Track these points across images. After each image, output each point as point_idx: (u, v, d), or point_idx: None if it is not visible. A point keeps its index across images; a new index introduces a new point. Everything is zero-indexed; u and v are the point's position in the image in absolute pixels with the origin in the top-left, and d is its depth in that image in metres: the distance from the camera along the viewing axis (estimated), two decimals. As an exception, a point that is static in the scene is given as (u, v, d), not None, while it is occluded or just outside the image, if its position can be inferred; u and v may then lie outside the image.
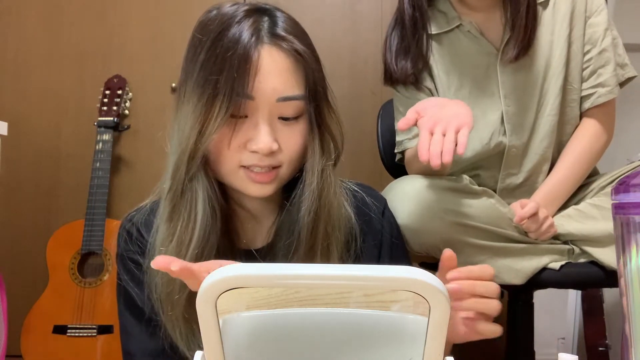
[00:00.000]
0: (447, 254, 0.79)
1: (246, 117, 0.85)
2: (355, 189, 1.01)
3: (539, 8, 1.36)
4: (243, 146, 0.86)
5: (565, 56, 1.36)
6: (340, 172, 0.95)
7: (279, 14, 0.90)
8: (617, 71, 1.39)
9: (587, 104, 1.39)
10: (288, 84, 0.85)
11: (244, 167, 0.87)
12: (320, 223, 0.90)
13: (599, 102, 1.37)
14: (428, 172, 1.27)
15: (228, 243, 0.92)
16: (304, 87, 0.87)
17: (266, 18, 0.88)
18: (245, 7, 0.89)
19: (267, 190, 0.88)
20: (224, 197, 0.92)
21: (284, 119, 0.87)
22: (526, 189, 1.40)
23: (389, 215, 1.04)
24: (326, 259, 0.91)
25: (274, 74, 0.84)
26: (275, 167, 0.88)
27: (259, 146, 0.84)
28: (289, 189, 0.93)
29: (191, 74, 0.87)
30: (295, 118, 0.88)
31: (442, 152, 1.01)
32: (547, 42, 1.36)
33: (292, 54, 0.86)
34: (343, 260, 0.94)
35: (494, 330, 0.80)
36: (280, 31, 0.87)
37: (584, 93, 1.39)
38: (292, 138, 0.88)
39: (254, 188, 0.88)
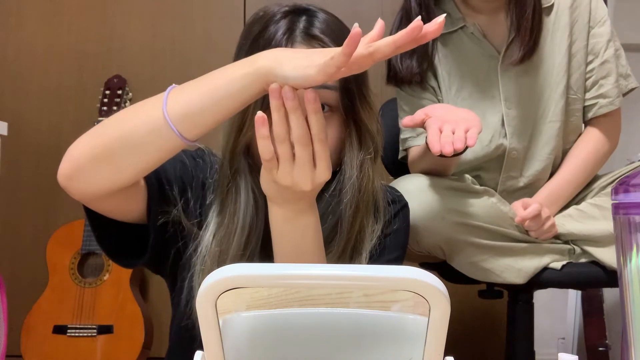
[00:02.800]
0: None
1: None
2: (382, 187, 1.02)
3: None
4: None
5: (566, 64, 1.37)
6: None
7: (320, 14, 0.91)
8: (619, 82, 1.40)
9: (589, 114, 1.41)
10: None
11: None
12: (359, 216, 0.91)
13: (601, 112, 1.39)
14: (432, 172, 1.28)
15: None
16: (336, 81, 0.88)
17: (304, 18, 0.90)
18: (286, 8, 0.91)
19: None
20: None
21: None
22: (527, 191, 1.40)
23: (403, 218, 1.03)
24: (359, 254, 0.92)
25: None
26: None
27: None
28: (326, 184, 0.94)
29: None
30: (330, 112, 0.89)
31: (452, 142, 1.02)
32: (549, 48, 1.36)
33: None
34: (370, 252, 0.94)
35: None
36: (314, 31, 0.88)
37: (587, 103, 1.40)
38: (327, 130, 0.89)
39: None
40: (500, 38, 1.37)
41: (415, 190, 1.22)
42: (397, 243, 1.01)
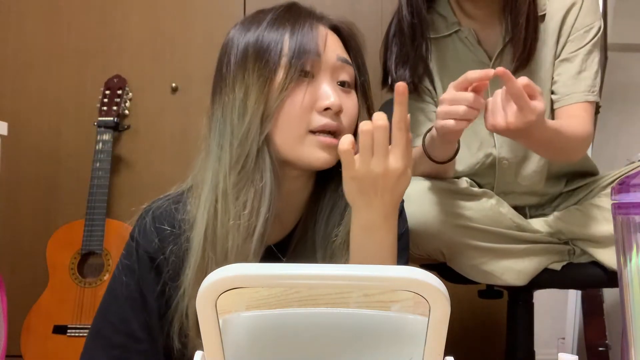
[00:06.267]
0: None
1: (312, 77, 0.90)
2: None
3: None
4: (311, 108, 0.89)
5: (552, 77, 1.34)
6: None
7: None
8: (577, 82, 1.31)
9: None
10: (343, 50, 0.96)
11: (312, 132, 0.89)
12: None
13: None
14: (432, 174, 1.27)
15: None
16: (353, 62, 0.97)
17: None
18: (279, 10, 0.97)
19: (332, 157, 0.89)
20: None
21: (341, 84, 0.93)
22: (525, 193, 1.40)
23: (403, 222, 1.03)
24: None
25: (332, 39, 0.95)
26: (337, 136, 0.90)
27: (331, 101, 0.89)
28: (317, 191, 0.97)
29: (245, 46, 0.91)
30: (349, 88, 0.94)
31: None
32: (542, 57, 1.34)
33: (344, 36, 0.98)
34: None
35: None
36: (334, 21, 0.98)
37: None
38: (350, 103, 0.93)
39: (321, 155, 0.89)
40: (494, 45, 1.36)
41: (415, 194, 1.21)
42: (404, 248, 1.02)
